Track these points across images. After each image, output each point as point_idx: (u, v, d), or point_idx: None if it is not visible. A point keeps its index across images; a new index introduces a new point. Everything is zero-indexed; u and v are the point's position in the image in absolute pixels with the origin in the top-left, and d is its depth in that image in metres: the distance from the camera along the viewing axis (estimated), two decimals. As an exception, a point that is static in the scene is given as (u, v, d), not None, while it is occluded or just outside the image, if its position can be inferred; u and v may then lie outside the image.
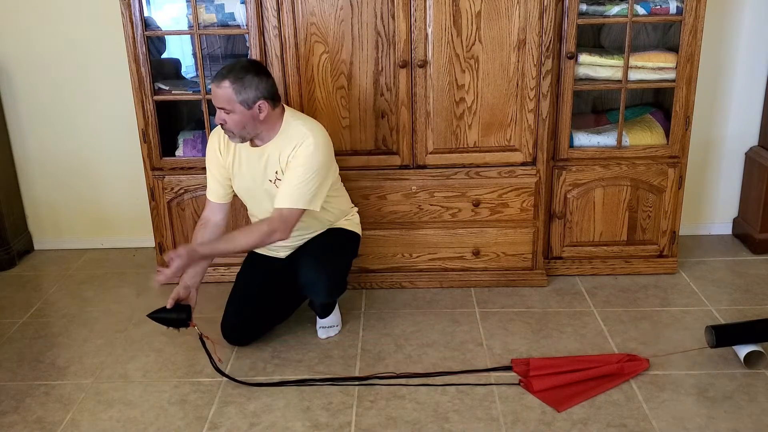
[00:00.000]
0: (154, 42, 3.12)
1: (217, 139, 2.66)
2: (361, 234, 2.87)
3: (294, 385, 2.49)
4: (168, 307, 2.49)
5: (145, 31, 2.93)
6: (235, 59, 3.27)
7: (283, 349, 2.72)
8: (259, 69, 2.47)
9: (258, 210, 2.71)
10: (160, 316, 2.50)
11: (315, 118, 2.74)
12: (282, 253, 2.74)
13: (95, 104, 3.48)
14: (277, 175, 2.57)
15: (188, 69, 3.32)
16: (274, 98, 2.49)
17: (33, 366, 2.67)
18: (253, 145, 2.59)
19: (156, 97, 3.03)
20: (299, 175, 2.48)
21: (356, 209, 2.89)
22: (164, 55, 3.27)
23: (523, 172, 3.03)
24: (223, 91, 2.40)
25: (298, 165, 2.49)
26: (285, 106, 2.63)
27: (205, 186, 2.74)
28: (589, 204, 3.15)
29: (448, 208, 3.08)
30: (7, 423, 2.34)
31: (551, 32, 2.85)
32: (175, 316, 2.49)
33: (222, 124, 2.48)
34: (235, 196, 2.75)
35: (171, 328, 2.53)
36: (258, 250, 2.82)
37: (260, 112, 2.45)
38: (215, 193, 2.70)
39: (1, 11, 3.36)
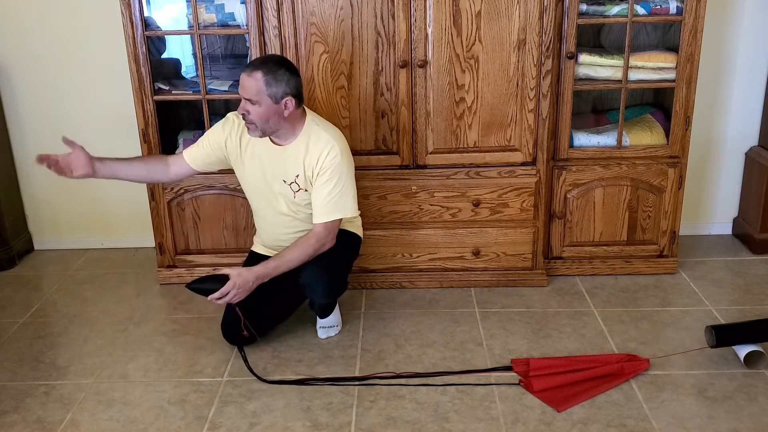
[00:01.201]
0: (154, 42, 3.12)
1: (234, 121, 2.65)
2: (362, 236, 2.87)
3: (299, 384, 2.49)
4: None
5: (145, 31, 2.93)
6: (235, 59, 3.29)
7: (283, 349, 2.72)
8: (290, 66, 2.51)
9: (265, 207, 2.69)
10: (200, 286, 2.49)
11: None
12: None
13: (95, 104, 3.48)
14: (297, 179, 2.57)
15: (188, 69, 3.31)
16: (299, 97, 2.52)
17: (33, 366, 2.67)
18: (274, 142, 2.59)
19: (156, 97, 3.03)
20: (332, 187, 2.53)
21: (359, 211, 2.89)
22: (164, 55, 3.27)
23: (523, 172, 3.03)
24: (255, 82, 2.42)
25: (329, 178, 2.52)
26: (305, 108, 2.64)
27: (205, 185, 2.75)
28: (589, 204, 3.15)
29: (448, 208, 3.08)
30: (7, 423, 2.34)
31: (551, 32, 2.85)
32: (220, 286, 2.46)
33: (244, 115, 2.47)
34: (236, 195, 2.75)
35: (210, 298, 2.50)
36: (260, 251, 2.82)
37: (285, 109, 2.48)
38: (192, 157, 2.70)
39: (1, 11, 3.36)
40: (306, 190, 2.60)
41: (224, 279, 2.47)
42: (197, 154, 2.70)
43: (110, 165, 2.64)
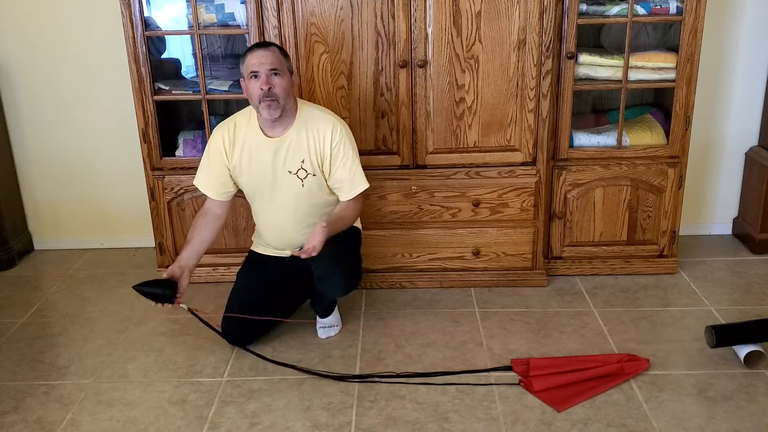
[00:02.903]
0: (154, 42, 3.12)
1: (221, 135, 2.62)
2: (361, 229, 2.88)
3: (297, 369, 2.50)
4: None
5: (145, 31, 2.93)
6: (235, 59, 3.29)
7: (283, 349, 2.72)
8: None
9: (270, 207, 2.68)
10: (146, 290, 2.49)
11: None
12: (288, 252, 2.73)
13: (95, 104, 3.48)
14: (303, 165, 2.58)
15: (188, 69, 3.32)
16: None
17: (33, 366, 2.67)
18: (268, 136, 2.59)
19: (156, 97, 3.03)
20: (350, 161, 2.62)
21: None
22: (164, 55, 3.27)
23: (523, 172, 3.03)
24: (275, 54, 2.50)
25: (344, 154, 2.60)
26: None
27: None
28: (589, 204, 3.15)
29: (448, 208, 3.08)
30: (7, 423, 2.35)
31: (551, 32, 2.85)
32: (161, 291, 2.48)
33: (269, 89, 2.46)
34: (235, 195, 2.74)
35: (158, 304, 2.50)
36: (261, 251, 2.82)
37: (294, 85, 2.57)
38: (213, 191, 2.68)
39: (1, 11, 3.36)
40: (314, 175, 2.60)
41: (171, 284, 2.49)
42: (213, 186, 2.67)
43: (193, 255, 2.63)
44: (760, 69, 3.39)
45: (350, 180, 2.62)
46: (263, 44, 2.55)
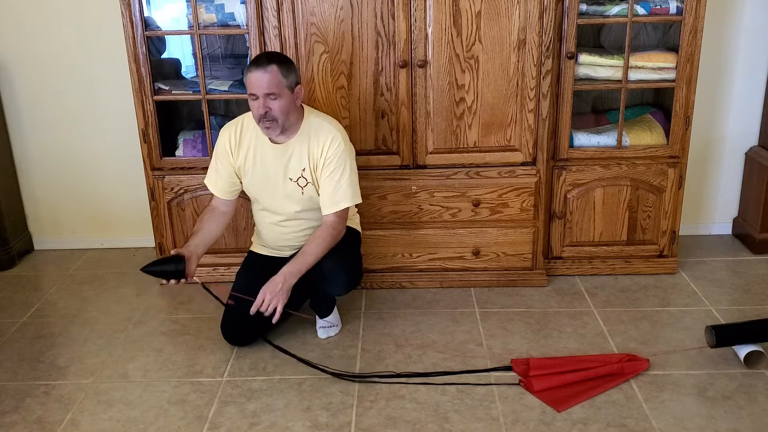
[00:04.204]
0: (154, 42, 3.12)
1: (228, 136, 2.64)
2: (360, 231, 2.88)
3: (302, 361, 2.50)
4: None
5: (145, 31, 2.93)
6: (235, 59, 3.29)
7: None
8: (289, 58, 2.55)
9: (271, 210, 2.69)
10: (155, 269, 2.45)
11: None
12: (286, 252, 2.75)
13: (95, 104, 3.48)
14: (303, 173, 2.58)
15: (188, 69, 3.31)
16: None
17: (33, 366, 2.67)
18: (274, 142, 2.59)
19: (156, 97, 3.03)
20: (339, 176, 2.56)
21: (356, 209, 2.90)
22: (164, 55, 3.27)
23: (523, 172, 3.03)
24: (272, 75, 2.41)
25: (335, 168, 2.55)
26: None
27: (205, 186, 2.74)
28: (589, 204, 3.15)
29: (448, 208, 3.08)
30: (7, 423, 2.34)
31: (551, 32, 2.85)
32: (173, 267, 2.43)
33: (266, 113, 2.44)
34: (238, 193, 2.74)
35: (169, 281, 2.48)
36: (260, 251, 2.82)
37: (297, 98, 2.51)
38: (220, 190, 2.69)
39: (1, 11, 3.36)
40: (312, 184, 2.61)
41: (180, 259, 2.45)
42: (220, 185, 2.68)
43: (200, 243, 2.61)
44: (760, 69, 3.39)
45: (332, 194, 2.57)
46: (262, 62, 2.42)
